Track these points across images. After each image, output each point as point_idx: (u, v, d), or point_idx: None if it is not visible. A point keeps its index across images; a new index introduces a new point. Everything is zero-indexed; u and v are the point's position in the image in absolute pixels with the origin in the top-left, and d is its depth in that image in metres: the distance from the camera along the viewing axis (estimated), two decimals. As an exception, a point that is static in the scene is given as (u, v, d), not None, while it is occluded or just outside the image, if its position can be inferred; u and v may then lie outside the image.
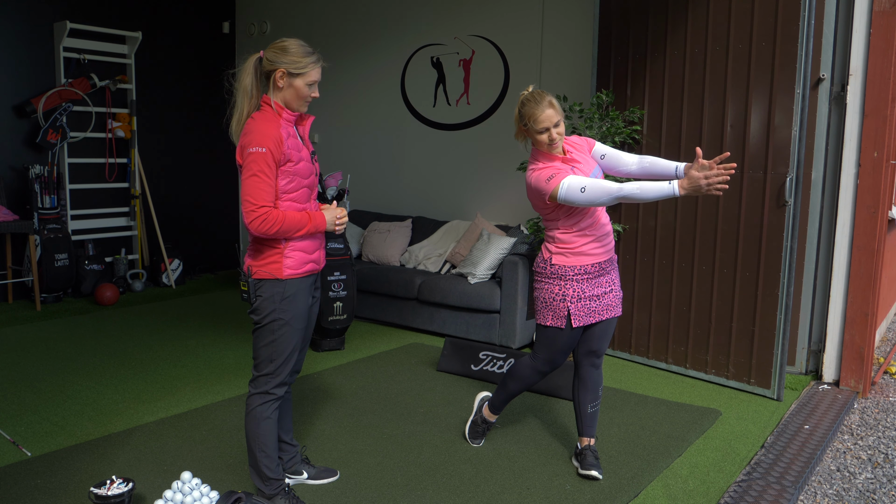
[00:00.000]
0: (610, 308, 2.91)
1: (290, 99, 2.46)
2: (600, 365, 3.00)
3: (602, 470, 2.95)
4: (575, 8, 5.28)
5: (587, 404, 3.00)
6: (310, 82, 2.45)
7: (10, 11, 5.80)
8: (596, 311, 2.87)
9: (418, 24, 6.17)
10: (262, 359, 2.52)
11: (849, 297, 4.14)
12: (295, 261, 2.48)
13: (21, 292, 5.96)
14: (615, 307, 2.93)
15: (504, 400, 3.17)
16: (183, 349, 4.69)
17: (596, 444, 3.10)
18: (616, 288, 2.93)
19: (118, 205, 6.61)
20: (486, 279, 5.01)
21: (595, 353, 2.97)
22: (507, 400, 3.17)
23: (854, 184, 4.09)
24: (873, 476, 3.21)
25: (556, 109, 2.72)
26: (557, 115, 2.72)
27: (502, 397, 3.16)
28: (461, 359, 4.27)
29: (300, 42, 2.44)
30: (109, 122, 6.39)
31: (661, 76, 4.33)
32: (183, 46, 7.04)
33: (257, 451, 2.55)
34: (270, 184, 2.37)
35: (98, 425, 3.38)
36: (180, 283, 6.75)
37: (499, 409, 3.21)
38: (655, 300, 4.44)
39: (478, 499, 2.75)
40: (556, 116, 2.71)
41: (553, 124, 2.71)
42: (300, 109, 2.50)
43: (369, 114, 6.60)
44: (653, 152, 4.39)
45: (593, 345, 2.95)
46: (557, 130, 2.71)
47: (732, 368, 4.13)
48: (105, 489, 2.49)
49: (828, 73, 4.12)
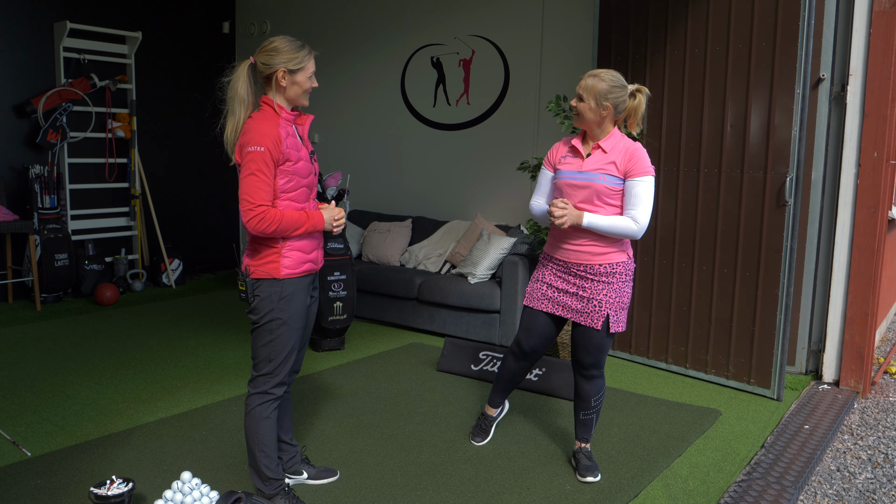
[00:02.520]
0: (569, 309, 2.84)
1: (295, 95, 2.47)
2: (593, 377, 2.91)
3: (598, 471, 2.94)
4: (575, 8, 5.28)
5: (579, 411, 3.00)
6: (309, 74, 2.48)
7: (10, 11, 5.80)
8: (551, 299, 2.86)
9: (418, 24, 6.17)
10: (261, 358, 2.52)
11: (849, 297, 4.14)
12: (293, 260, 2.48)
13: (21, 292, 5.96)
14: (579, 313, 2.82)
15: (495, 390, 3.18)
16: (183, 349, 4.69)
17: (591, 447, 3.08)
18: (590, 297, 2.78)
19: (118, 205, 6.61)
20: (486, 279, 5.01)
21: (579, 363, 2.91)
22: (499, 390, 3.17)
23: (854, 184, 4.09)
24: (873, 476, 3.21)
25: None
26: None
27: (493, 386, 3.20)
28: (461, 359, 4.27)
29: (288, 38, 2.45)
30: (109, 122, 6.39)
31: (661, 76, 4.33)
32: (183, 46, 7.04)
33: (257, 450, 2.55)
34: (268, 183, 2.37)
35: (98, 425, 3.38)
36: (180, 283, 6.75)
37: (495, 402, 3.21)
38: (655, 300, 4.44)
39: (478, 499, 2.75)
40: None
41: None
42: (304, 103, 2.52)
43: (369, 114, 6.60)
44: (653, 152, 4.39)
45: (575, 354, 2.92)
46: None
47: (732, 368, 4.13)
48: (105, 489, 2.49)
49: (828, 73, 4.11)
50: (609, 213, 2.74)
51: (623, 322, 2.84)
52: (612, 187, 2.71)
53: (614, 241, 2.77)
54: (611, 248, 2.76)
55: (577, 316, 2.83)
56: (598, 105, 2.68)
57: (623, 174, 2.71)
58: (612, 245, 2.76)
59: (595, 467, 2.94)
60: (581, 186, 2.74)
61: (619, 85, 2.70)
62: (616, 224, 2.69)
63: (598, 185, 2.71)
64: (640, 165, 2.69)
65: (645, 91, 2.76)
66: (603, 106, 2.68)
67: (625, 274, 2.80)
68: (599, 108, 2.69)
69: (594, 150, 2.77)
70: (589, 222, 2.69)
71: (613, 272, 2.77)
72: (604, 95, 2.67)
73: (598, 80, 2.67)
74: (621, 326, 2.83)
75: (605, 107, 2.68)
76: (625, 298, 2.82)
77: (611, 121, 2.75)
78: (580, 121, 2.76)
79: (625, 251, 2.80)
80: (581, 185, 2.74)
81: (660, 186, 4.39)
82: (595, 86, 2.67)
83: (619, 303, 2.80)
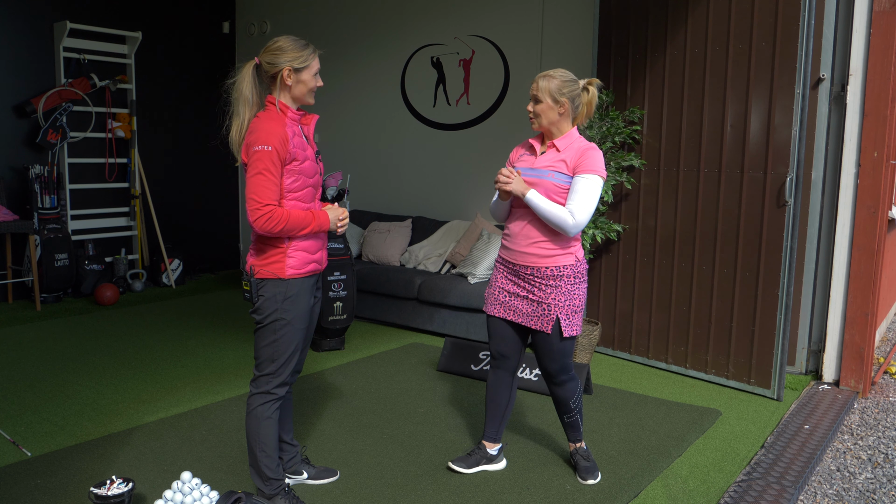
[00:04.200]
0: (521, 313, 2.81)
1: (301, 94, 2.49)
2: (563, 383, 2.88)
3: (598, 472, 2.94)
4: (575, 8, 5.28)
5: (562, 415, 2.99)
6: (315, 72, 2.50)
7: (10, 11, 5.80)
8: (503, 304, 2.86)
9: (418, 24, 6.17)
10: (264, 358, 2.52)
11: (849, 297, 4.14)
12: (297, 261, 2.48)
13: (21, 292, 5.96)
14: (530, 317, 2.78)
15: (487, 418, 3.02)
16: (183, 349, 4.69)
17: (586, 446, 3.06)
18: (539, 300, 2.76)
19: (118, 205, 6.61)
20: (486, 279, 5.01)
21: (545, 371, 2.88)
22: (489, 417, 3.01)
23: (854, 184, 4.09)
24: (873, 476, 3.21)
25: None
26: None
27: (486, 414, 3.04)
28: (461, 359, 4.27)
29: (291, 38, 2.47)
30: (109, 122, 6.39)
31: (661, 76, 4.33)
32: (183, 46, 7.04)
33: (258, 450, 2.55)
34: (276, 182, 2.38)
35: (98, 425, 3.38)
36: (180, 283, 6.75)
37: (489, 434, 3.02)
38: (655, 300, 4.44)
39: (478, 499, 2.75)
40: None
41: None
42: (310, 101, 2.53)
43: (369, 114, 6.60)
44: (653, 152, 4.40)
45: (540, 362, 2.88)
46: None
47: (732, 368, 4.13)
48: (105, 489, 2.49)
49: (828, 73, 4.12)
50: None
51: (577, 326, 2.79)
52: (561, 185, 2.73)
53: (560, 243, 2.75)
54: (557, 250, 2.75)
55: (528, 320, 2.81)
56: (555, 102, 2.73)
57: (572, 171, 2.73)
58: (559, 247, 2.75)
59: (594, 468, 2.94)
60: (531, 183, 2.77)
61: (570, 79, 2.76)
62: (554, 211, 2.68)
63: (546, 182, 2.74)
64: (588, 163, 2.71)
65: (596, 83, 2.81)
66: (560, 102, 2.73)
67: (574, 276, 2.77)
68: (557, 106, 2.73)
69: (549, 148, 2.81)
70: (531, 198, 2.71)
71: (561, 275, 2.75)
72: (558, 91, 2.72)
73: (549, 79, 2.74)
74: (575, 330, 2.78)
75: (562, 102, 2.73)
76: (576, 301, 2.78)
77: (568, 119, 2.78)
78: (539, 123, 2.80)
79: (572, 253, 2.77)
80: (531, 181, 2.77)
81: (660, 186, 4.39)
82: (548, 85, 2.73)
83: (569, 306, 2.76)
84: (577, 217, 2.68)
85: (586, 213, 2.69)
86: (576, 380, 2.92)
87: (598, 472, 2.94)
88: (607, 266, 4.68)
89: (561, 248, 2.75)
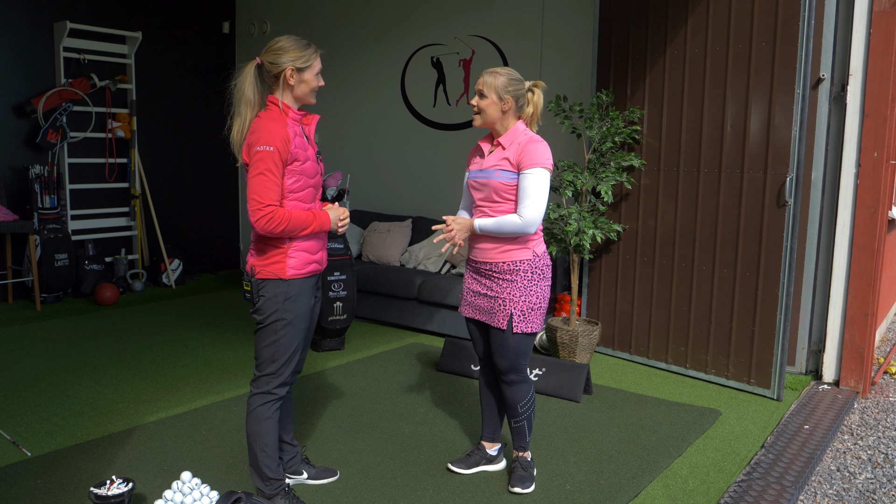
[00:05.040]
0: (481, 310, 2.81)
1: (303, 93, 2.49)
2: (513, 382, 2.78)
3: (530, 483, 2.81)
4: (575, 8, 5.28)
5: (509, 419, 2.88)
6: (317, 72, 2.50)
7: (10, 11, 5.80)
8: (470, 304, 2.87)
9: (418, 24, 6.17)
10: (265, 359, 2.52)
11: (849, 297, 4.14)
12: (298, 261, 2.48)
13: (21, 292, 5.96)
14: (487, 313, 2.77)
15: (483, 418, 3.03)
16: (183, 349, 4.69)
17: (531, 457, 2.90)
18: (495, 296, 2.74)
19: (118, 205, 6.61)
20: (486, 279, 5.01)
21: (496, 367, 2.81)
22: (485, 417, 3.02)
23: (854, 184, 4.09)
24: (873, 476, 3.21)
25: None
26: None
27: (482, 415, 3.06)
28: (461, 359, 4.27)
29: (293, 37, 2.47)
30: (109, 122, 6.39)
31: (661, 76, 4.33)
32: (183, 46, 7.04)
33: (258, 450, 2.55)
34: (277, 182, 2.38)
35: (98, 425, 3.38)
36: (180, 283, 6.75)
37: (486, 433, 3.03)
38: (655, 300, 4.44)
39: (478, 499, 2.75)
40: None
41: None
42: (311, 101, 2.53)
43: (369, 114, 6.60)
44: (653, 152, 4.40)
45: (492, 358, 2.84)
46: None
47: (732, 368, 4.13)
48: (105, 489, 2.49)
49: (828, 73, 4.12)
50: (506, 209, 2.73)
51: (534, 323, 2.72)
52: (507, 183, 2.71)
53: (514, 238, 2.73)
54: (512, 245, 2.72)
55: (486, 316, 2.79)
56: (499, 98, 2.73)
57: (516, 167, 2.71)
58: (513, 242, 2.72)
59: (528, 478, 2.83)
60: (481, 185, 2.76)
61: (517, 78, 2.76)
62: (502, 223, 2.68)
63: (493, 182, 2.73)
64: (530, 157, 2.67)
65: (542, 85, 2.81)
66: (504, 99, 2.73)
67: (531, 272, 2.72)
68: (501, 102, 2.73)
69: (496, 147, 2.80)
70: (480, 226, 2.72)
71: (517, 270, 2.72)
72: (504, 88, 2.72)
73: (496, 76, 2.74)
74: (530, 328, 2.71)
75: (506, 100, 2.73)
76: (533, 298, 2.72)
77: (513, 116, 2.78)
78: (483, 118, 2.78)
79: (530, 248, 2.73)
80: (481, 183, 2.77)
81: (660, 186, 4.39)
82: (494, 81, 2.73)
83: (525, 302, 2.71)
84: (525, 216, 2.66)
85: (535, 209, 2.65)
86: (528, 383, 2.82)
87: (531, 483, 2.82)
88: (607, 266, 4.68)
89: (517, 244, 2.73)
